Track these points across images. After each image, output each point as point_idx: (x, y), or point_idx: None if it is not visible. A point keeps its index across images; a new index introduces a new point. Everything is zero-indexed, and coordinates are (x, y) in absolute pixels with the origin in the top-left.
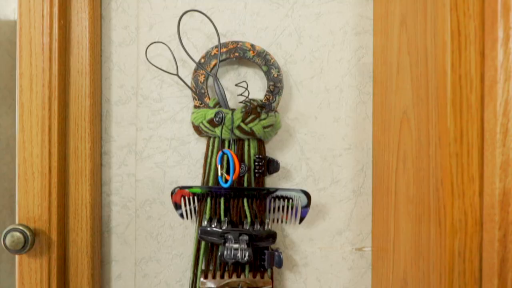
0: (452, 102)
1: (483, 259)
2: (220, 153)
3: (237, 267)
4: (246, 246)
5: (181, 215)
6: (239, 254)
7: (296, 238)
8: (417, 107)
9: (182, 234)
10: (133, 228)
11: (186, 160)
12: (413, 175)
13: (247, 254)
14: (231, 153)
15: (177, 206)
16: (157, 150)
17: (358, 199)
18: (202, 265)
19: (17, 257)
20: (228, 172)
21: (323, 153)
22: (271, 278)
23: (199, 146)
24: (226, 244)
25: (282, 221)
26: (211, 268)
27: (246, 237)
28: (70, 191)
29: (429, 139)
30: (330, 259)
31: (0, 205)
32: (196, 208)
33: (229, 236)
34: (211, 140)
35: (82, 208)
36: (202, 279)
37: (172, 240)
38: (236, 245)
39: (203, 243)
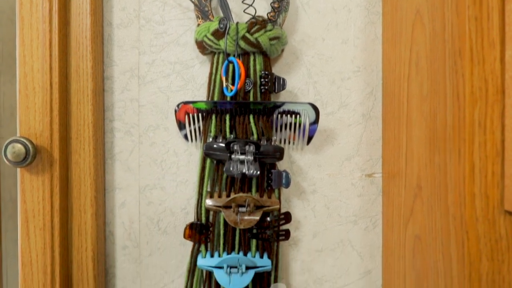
0: None
1: (505, 128)
2: (225, 63)
3: (244, 186)
4: (252, 158)
5: (185, 137)
6: (245, 168)
7: (304, 165)
8: None
9: (187, 160)
10: (137, 154)
11: (190, 85)
12: (427, 71)
13: (253, 168)
14: (236, 60)
15: (181, 126)
16: (160, 74)
17: (368, 123)
18: (207, 185)
19: (19, 173)
20: (233, 84)
21: (331, 76)
22: (279, 199)
23: (203, 70)
24: (232, 156)
25: (289, 142)
26: (216, 189)
27: (252, 148)
28: (72, 111)
29: (444, 22)
30: (339, 185)
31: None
32: (201, 128)
33: (235, 147)
34: (216, 56)
35: (84, 129)
36: (207, 199)
37: (176, 167)
38: (242, 157)
39: (208, 162)
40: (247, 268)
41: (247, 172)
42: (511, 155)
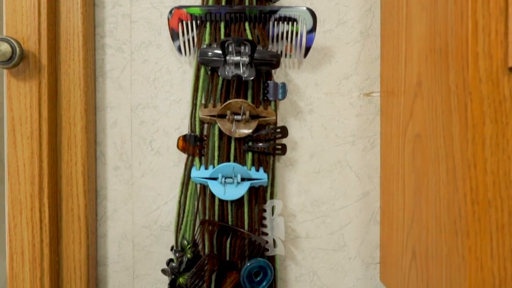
0: None
1: None
2: None
3: (239, 96)
4: (248, 60)
5: (179, 49)
6: (240, 70)
7: (301, 83)
8: None
9: (181, 79)
10: (129, 72)
11: (183, 1)
12: None
13: (249, 71)
14: None
15: (174, 35)
16: None
17: (366, 41)
18: (201, 95)
19: (5, 78)
20: None
21: None
22: (275, 112)
23: None
24: (227, 58)
25: (285, 55)
26: (211, 101)
27: (248, 49)
28: (61, 19)
29: None
30: (337, 105)
31: None
32: (195, 38)
33: (230, 48)
34: None
35: (74, 39)
36: (201, 110)
37: (169, 85)
38: (237, 58)
39: (202, 70)
40: (243, 180)
41: (242, 75)
42: None
